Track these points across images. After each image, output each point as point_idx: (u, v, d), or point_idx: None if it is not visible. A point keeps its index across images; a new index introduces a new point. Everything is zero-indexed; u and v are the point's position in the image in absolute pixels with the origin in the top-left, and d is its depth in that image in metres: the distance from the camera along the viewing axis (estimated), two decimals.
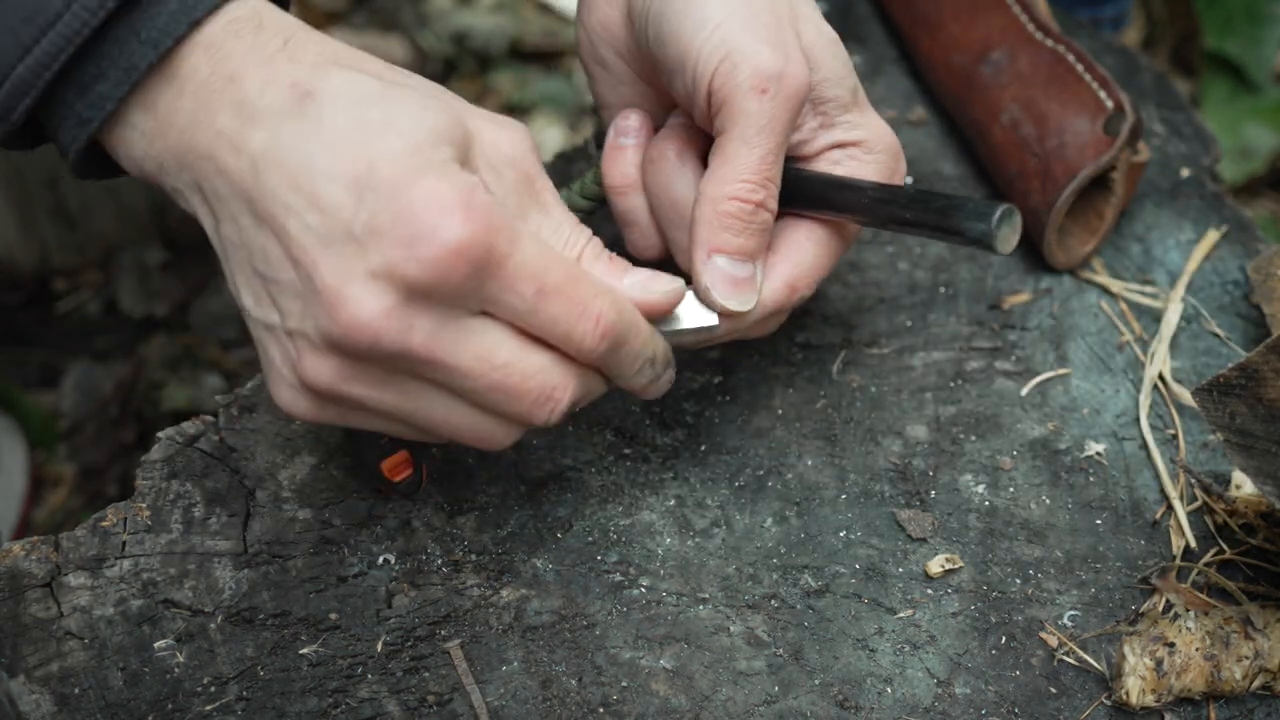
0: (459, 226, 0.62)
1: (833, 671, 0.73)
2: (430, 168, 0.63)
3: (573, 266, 0.66)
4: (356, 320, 0.62)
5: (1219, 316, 0.92)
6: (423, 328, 0.63)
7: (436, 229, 0.61)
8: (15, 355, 1.49)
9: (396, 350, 0.63)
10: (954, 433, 0.85)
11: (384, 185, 0.62)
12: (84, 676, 0.70)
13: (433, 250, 0.61)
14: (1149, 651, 0.71)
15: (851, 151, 0.78)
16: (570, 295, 0.66)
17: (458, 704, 0.71)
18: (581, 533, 0.79)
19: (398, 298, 0.62)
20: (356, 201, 0.62)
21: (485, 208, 0.62)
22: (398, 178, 0.62)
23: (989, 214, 0.69)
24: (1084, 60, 0.94)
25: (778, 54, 0.71)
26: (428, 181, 0.62)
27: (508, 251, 0.63)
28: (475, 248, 0.62)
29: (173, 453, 0.79)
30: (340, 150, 0.63)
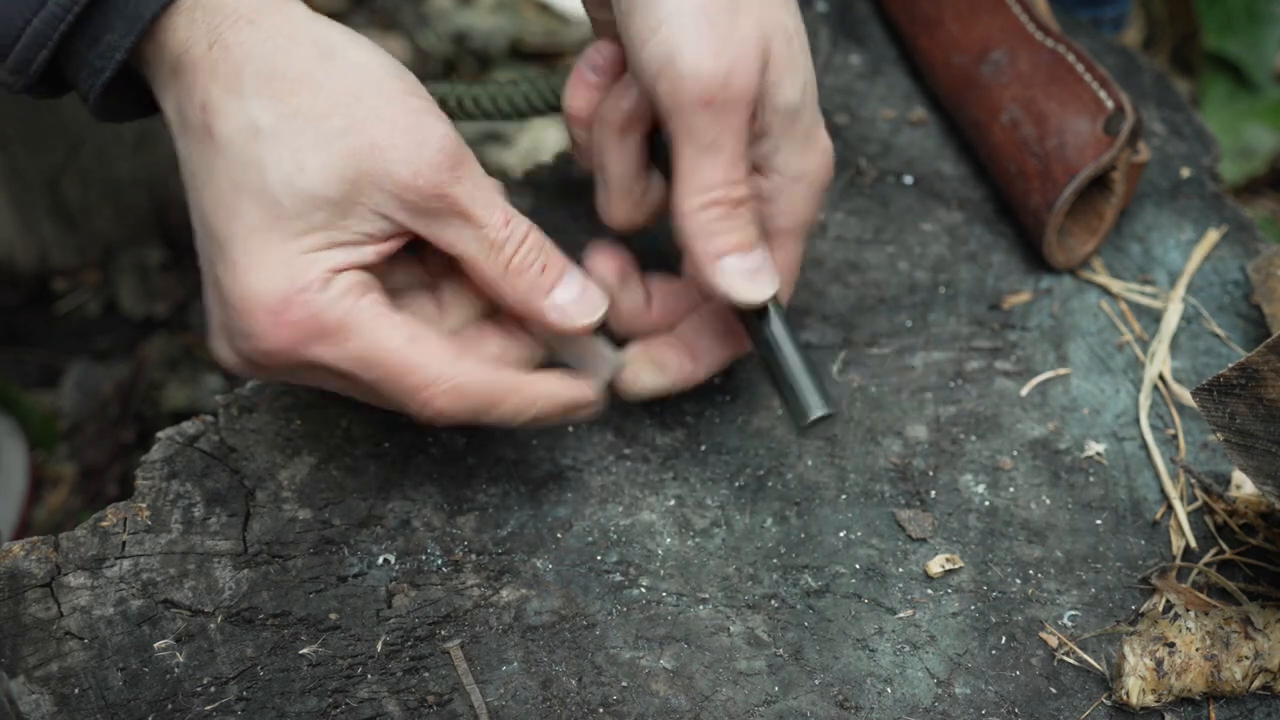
0: (269, 337, 0.68)
1: (833, 671, 0.73)
2: (275, 253, 0.68)
3: (403, 359, 0.70)
4: (225, 361, 0.71)
5: (1219, 316, 0.92)
6: (281, 375, 0.72)
7: (251, 332, 0.68)
8: (15, 355, 1.49)
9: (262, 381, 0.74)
10: (954, 433, 0.84)
11: (233, 263, 0.68)
12: (84, 676, 0.70)
13: (250, 347, 0.69)
14: (1149, 651, 0.71)
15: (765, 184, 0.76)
16: (396, 386, 0.71)
17: (458, 704, 0.71)
18: (581, 533, 0.79)
19: (242, 359, 0.71)
20: (216, 262, 0.69)
21: (301, 318, 0.68)
22: (243, 261, 0.68)
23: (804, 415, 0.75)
24: (1084, 60, 0.94)
25: (721, 60, 0.70)
26: (260, 275, 0.68)
27: (327, 352, 0.69)
28: (287, 355, 0.69)
29: (173, 453, 0.79)
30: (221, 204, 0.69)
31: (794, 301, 0.91)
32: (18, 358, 1.49)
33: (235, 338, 0.70)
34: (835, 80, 1.07)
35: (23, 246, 1.49)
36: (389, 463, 0.81)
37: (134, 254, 1.54)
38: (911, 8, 1.07)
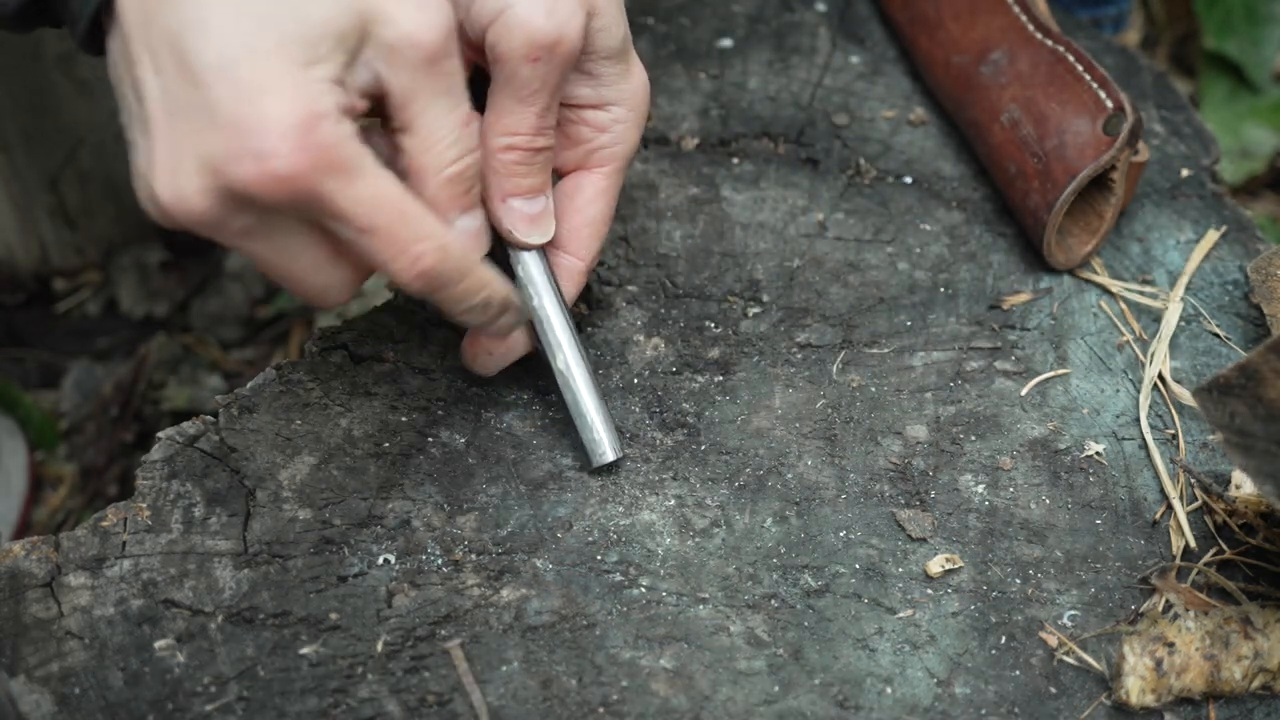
0: (286, 158, 0.63)
1: (833, 671, 0.73)
2: (290, 77, 0.64)
3: (403, 206, 0.68)
4: (174, 200, 0.65)
5: (1219, 316, 0.92)
6: (238, 223, 0.67)
7: (264, 152, 0.63)
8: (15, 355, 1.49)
9: (208, 234, 0.67)
10: (954, 433, 0.85)
11: (241, 82, 0.63)
12: (84, 676, 0.70)
13: (254, 170, 0.64)
14: (1149, 651, 0.71)
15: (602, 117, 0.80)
16: (393, 236, 0.68)
17: (458, 704, 0.71)
18: (581, 533, 0.79)
19: (214, 193, 0.65)
20: (214, 84, 0.63)
21: (321, 145, 0.64)
22: (254, 81, 0.63)
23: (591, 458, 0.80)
24: (1084, 60, 0.94)
25: (552, 19, 0.73)
26: (278, 97, 0.63)
27: (336, 188, 0.65)
28: (298, 181, 0.64)
29: (173, 453, 0.79)
30: (220, 27, 0.64)
31: (794, 301, 0.91)
32: (18, 358, 1.49)
33: (232, 161, 0.64)
34: (835, 80, 1.07)
35: (23, 246, 1.49)
36: (389, 463, 0.81)
37: (134, 254, 1.54)
38: (911, 8, 1.07)
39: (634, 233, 0.95)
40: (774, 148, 1.02)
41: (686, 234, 0.96)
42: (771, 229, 0.96)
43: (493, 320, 0.75)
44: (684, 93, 1.06)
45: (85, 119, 1.40)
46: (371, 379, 0.85)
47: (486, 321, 0.75)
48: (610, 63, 0.79)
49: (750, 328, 0.90)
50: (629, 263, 0.93)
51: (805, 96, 1.06)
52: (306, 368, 0.84)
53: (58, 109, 1.38)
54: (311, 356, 0.85)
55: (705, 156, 1.01)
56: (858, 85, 1.07)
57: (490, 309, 0.74)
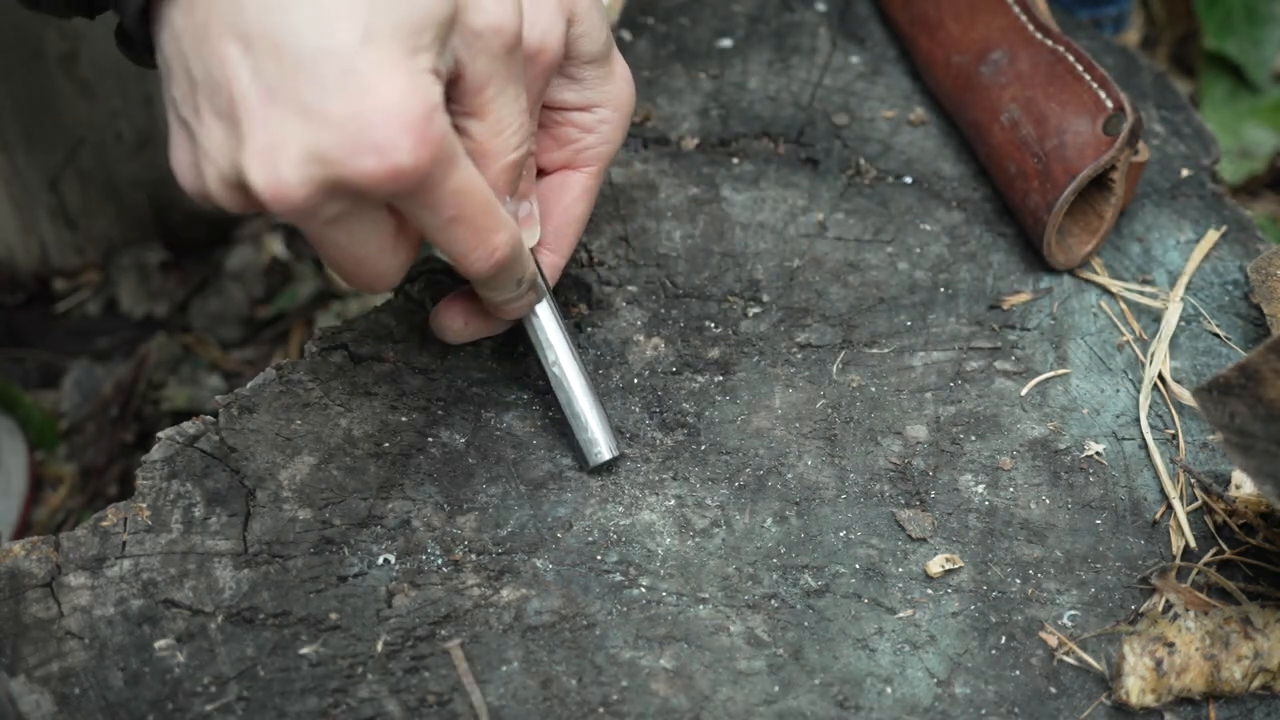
0: (408, 152, 0.62)
1: (833, 671, 0.73)
2: (403, 67, 0.62)
3: (487, 198, 0.68)
4: (274, 189, 0.63)
5: (1219, 316, 0.92)
6: (327, 213, 0.65)
7: (385, 147, 0.62)
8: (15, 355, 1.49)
9: (293, 220, 0.65)
10: (954, 433, 0.85)
11: (353, 71, 0.61)
12: (84, 676, 0.70)
13: (376, 164, 0.62)
14: (1149, 651, 0.71)
15: (587, 118, 0.81)
16: (478, 226, 0.68)
17: (458, 704, 0.71)
18: (581, 533, 0.79)
19: (321, 184, 0.63)
20: (319, 70, 0.61)
21: (438, 137, 0.63)
22: (369, 70, 0.61)
23: (587, 457, 0.80)
24: (1084, 60, 0.94)
25: (534, 29, 0.73)
26: (395, 87, 0.62)
27: (439, 179, 0.65)
28: (414, 174, 0.63)
29: (173, 453, 0.79)
30: (324, 6, 0.62)
31: (794, 301, 0.91)
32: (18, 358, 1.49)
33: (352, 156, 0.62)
34: (835, 80, 1.07)
35: (23, 246, 1.49)
36: (389, 463, 0.81)
37: (134, 254, 1.54)
38: (911, 8, 1.07)
39: (634, 233, 0.95)
40: (774, 148, 1.02)
41: (686, 234, 0.96)
42: (771, 229, 0.96)
43: (520, 297, 0.77)
44: (684, 93, 1.06)
45: (86, 119, 1.40)
46: (371, 379, 0.85)
47: (516, 298, 0.76)
48: (593, 66, 0.79)
49: (750, 328, 0.90)
50: (629, 263, 0.93)
51: (805, 96, 1.06)
52: (306, 368, 0.84)
53: (58, 109, 1.38)
54: (311, 356, 0.85)
55: (705, 156, 1.01)
56: (858, 85, 1.07)
57: (524, 285, 0.76)
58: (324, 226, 0.66)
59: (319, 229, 0.67)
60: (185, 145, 0.68)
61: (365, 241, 0.68)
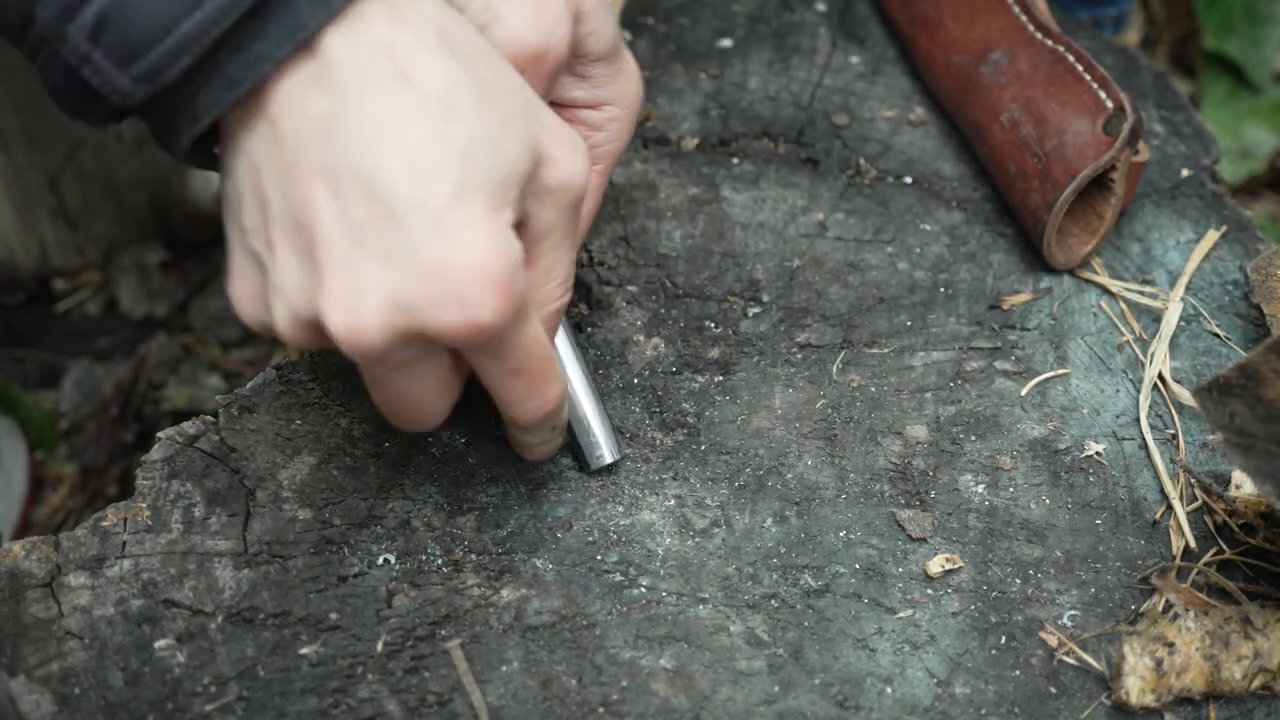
0: (492, 308, 0.62)
1: (833, 671, 0.73)
2: (491, 222, 0.62)
3: (548, 352, 0.69)
4: (352, 333, 0.62)
5: (1219, 316, 0.92)
6: (398, 358, 0.65)
7: (470, 301, 0.62)
8: (15, 355, 1.49)
9: (362, 362, 0.65)
10: (954, 433, 0.85)
11: (443, 224, 0.61)
12: (84, 676, 0.70)
13: (458, 317, 0.62)
14: (1149, 651, 0.71)
15: (595, 116, 0.80)
16: (535, 381, 0.69)
17: (458, 704, 0.71)
18: (581, 533, 0.79)
19: (398, 331, 0.63)
20: (410, 220, 0.61)
21: (520, 293, 0.63)
22: (459, 223, 0.61)
23: (589, 460, 0.80)
24: (1084, 60, 0.94)
25: (539, 30, 0.72)
26: (483, 242, 0.61)
27: (512, 335, 0.65)
28: (495, 329, 0.63)
29: (173, 453, 0.79)
30: (418, 156, 0.61)
31: (794, 301, 0.91)
32: (18, 358, 1.49)
33: (434, 306, 0.61)
34: (835, 80, 1.07)
35: (23, 246, 1.49)
36: (389, 463, 0.81)
37: (134, 254, 1.54)
38: (911, 8, 1.07)
39: (634, 233, 0.95)
40: (774, 148, 1.02)
41: (686, 234, 0.96)
42: (771, 229, 0.96)
43: (550, 440, 0.77)
44: (684, 93, 1.06)
45: None
46: None
47: (546, 441, 0.77)
48: (601, 64, 0.79)
49: (750, 328, 0.90)
50: (629, 263, 0.93)
51: (805, 96, 1.06)
52: (306, 368, 0.84)
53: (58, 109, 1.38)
54: (311, 356, 0.85)
55: (705, 156, 1.01)
56: (858, 85, 1.07)
57: (556, 430, 0.76)
58: (390, 371, 0.66)
59: (384, 373, 0.67)
60: (251, 276, 0.67)
61: (423, 386, 0.68)
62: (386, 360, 0.65)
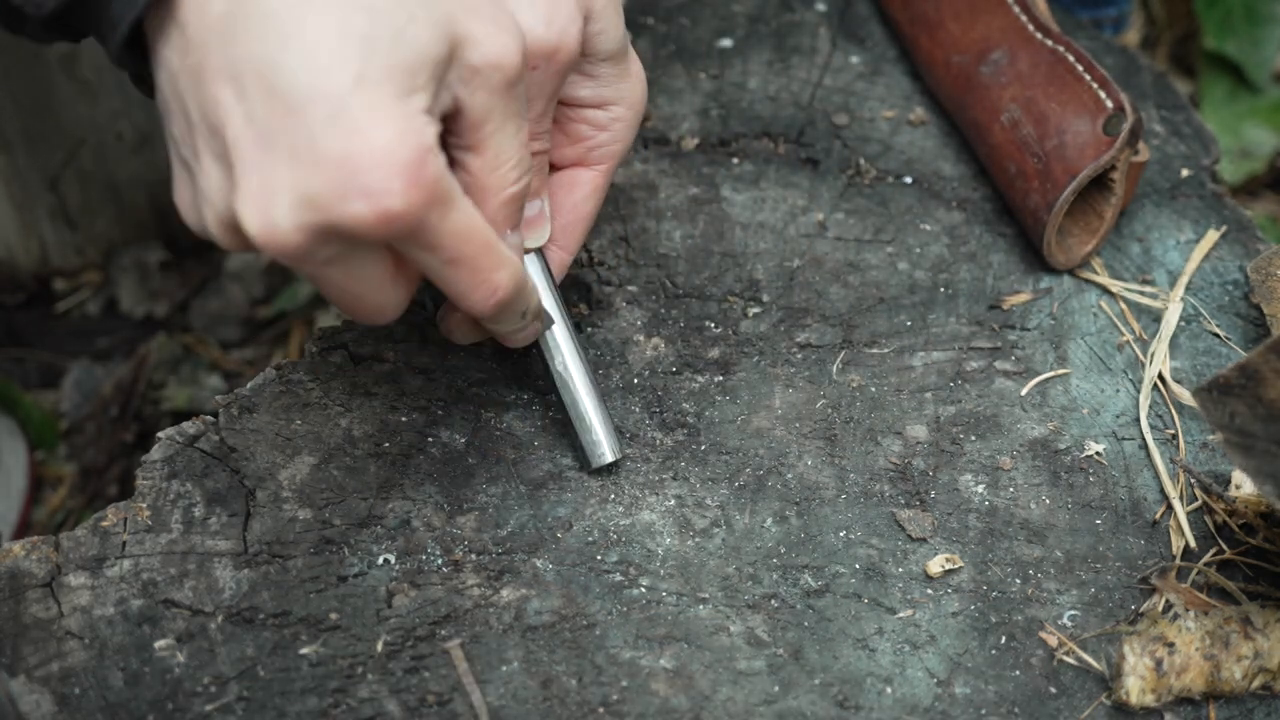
0: (400, 196, 0.61)
1: (833, 671, 0.73)
2: (396, 110, 0.61)
3: (486, 238, 0.67)
4: (267, 234, 0.62)
5: (1219, 316, 0.92)
6: (322, 255, 0.64)
7: (376, 191, 0.61)
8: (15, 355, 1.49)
9: (289, 263, 0.64)
10: (954, 433, 0.85)
11: (344, 115, 0.60)
12: (84, 676, 0.70)
13: (366, 209, 0.61)
14: (1149, 651, 0.71)
15: (601, 116, 0.80)
16: (478, 266, 0.67)
17: (458, 704, 0.71)
18: (581, 533, 0.79)
19: (313, 228, 0.62)
20: (310, 114, 0.60)
21: (431, 180, 0.62)
22: (360, 113, 0.60)
23: (590, 459, 0.80)
24: (1084, 60, 0.94)
25: (551, 29, 0.72)
26: (387, 130, 0.61)
27: (435, 221, 0.64)
28: (407, 218, 0.62)
29: (173, 453, 0.79)
30: (317, 46, 0.61)
31: (794, 301, 0.91)
32: (18, 358, 1.49)
33: (341, 200, 0.61)
34: (835, 80, 1.07)
35: (23, 246, 1.49)
36: (389, 463, 0.81)
37: (134, 254, 1.54)
38: (911, 8, 1.07)
39: (634, 233, 0.95)
40: (774, 148, 1.02)
41: (686, 234, 0.96)
42: (771, 229, 0.96)
43: (525, 327, 0.76)
44: (684, 93, 1.06)
45: (86, 119, 1.40)
46: (371, 379, 0.85)
47: (521, 328, 0.75)
48: (609, 64, 0.79)
49: (750, 328, 0.90)
50: (629, 263, 0.93)
51: (805, 96, 1.06)
52: (306, 368, 0.84)
53: (59, 109, 1.38)
54: (311, 356, 0.85)
55: (705, 156, 1.01)
56: (858, 85, 1.07)
57: (528, 315, 0.75)
58: (320, 268, 0.66)
59: (314, 270, 0.66)
60: (186, 184, 0.67)
61: (363, 280, 0.67)
62: (311, 259, 0.64)
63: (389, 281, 0.68)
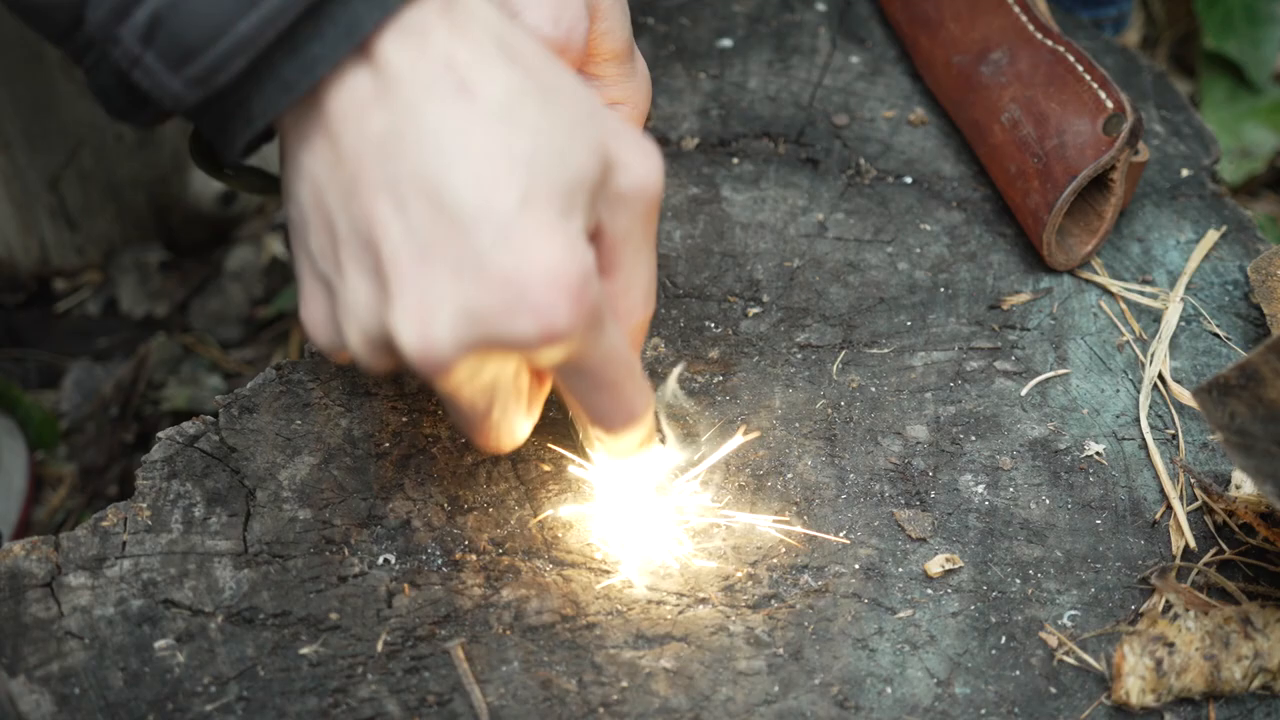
0: (565, 316, 0.60)
1: (833, 671, 0.73)
2: (560, 230, 0.60)
3: (632, 363, 0.67)
4: (425, 348, 0.61)
5: (1219, 316, 0.92)
6: (474, 377, 0.64)
7: (543, 308, 0.60)
8: (15, 355, 1.49)
9: (438, 380, 0.63)
10: (954, 433, 0.85)
11: (511, 233, 0.59)
12: (84, 676, 0.70)
13: (531, 326, 0.60)
14: (1149, 651, 0.71)
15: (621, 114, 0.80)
16: (623, 391, 0.67)
17: (458, 704, 0.71)
18: (581, 533, 0.79)
19: (471, 344, 0.61)
20: (477, 231, 0.60)
21: (593, 302, 0.61)
22: (527, 232, 0.60)
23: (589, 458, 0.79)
24: (1084, 60, 0.94)
25: (559, 28, 0.72)
26: (553, 250, 0.60)
27: (591, 345, 0.63)
28: (566, 338, 0.61)
29: (173, 453, 0.79)
30: (483, 166, 0.60)
31: (794, 301, 0.91)
32: (18, 358, 1.49)
33: (507, 317, 0.60)
34: (835, 80, 1.07)
35: (23, 246, 1.49)
36: (389, 463, 0.81)
37: (134, 254, 1.54)
38: (911, 8, 1.07)
39: None
40: (774, 148, 1.02)
41: (686, 234, 0.96)
42: (771, 229, 0.96)
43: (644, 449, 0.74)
44: (684, 93, 1.06)
45: (86, 119, 1.40)
46: (371, 379, 0.85)
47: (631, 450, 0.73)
48: (615, 64, 0.78)
49: (750, 328, 0.90)
50: None
51: (805, 96, 1.06)
52: (306, 368, 0.84)
53: (59, 109, 1.38)
54: (311, 356, 0.85)
55: (705, 156, 1.01)
56: (858, 85, 1.07)
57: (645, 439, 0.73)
58: (468, 385, 0.65)
59: (459, 389, 0.65)
60: (321, 300, 0.66)
61: (503, 404, 0.67)
62: (462, 375, 0.64)
63: (524, 408, 0.70)
